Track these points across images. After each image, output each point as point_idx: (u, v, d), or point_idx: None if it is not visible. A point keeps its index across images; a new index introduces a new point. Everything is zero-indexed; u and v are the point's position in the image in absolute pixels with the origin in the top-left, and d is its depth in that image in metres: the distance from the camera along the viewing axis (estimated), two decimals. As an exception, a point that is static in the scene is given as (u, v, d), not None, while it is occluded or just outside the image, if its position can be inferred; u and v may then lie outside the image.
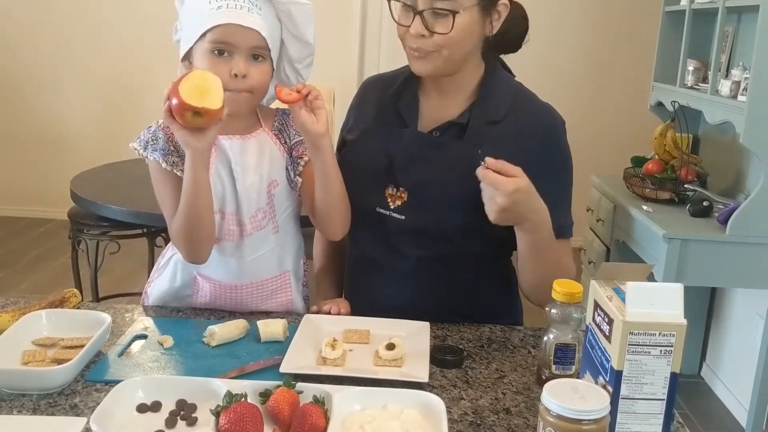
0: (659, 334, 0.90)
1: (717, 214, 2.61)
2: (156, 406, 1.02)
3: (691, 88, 2.99)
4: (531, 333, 1.37)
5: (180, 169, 1.30)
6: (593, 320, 1.00)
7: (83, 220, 2.83)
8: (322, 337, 1.23)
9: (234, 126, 1.34)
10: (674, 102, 2.97)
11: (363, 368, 1.17)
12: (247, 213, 1.36)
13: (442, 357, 1.21)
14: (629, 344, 0.90)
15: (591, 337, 1.01)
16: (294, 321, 1.35)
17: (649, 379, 0.91)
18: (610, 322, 0.93)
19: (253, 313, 1.41)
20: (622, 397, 0.92)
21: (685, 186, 2.84)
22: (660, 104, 3.28)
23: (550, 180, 1.36)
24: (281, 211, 1.40)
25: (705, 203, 2.67)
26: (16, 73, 4.93)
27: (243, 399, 0.98)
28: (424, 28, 1.30)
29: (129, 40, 4.80)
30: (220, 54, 1.28)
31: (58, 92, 4.95)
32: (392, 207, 1.40)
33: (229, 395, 0.98)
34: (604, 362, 0.95)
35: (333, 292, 1.57)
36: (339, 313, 1.38)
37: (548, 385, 0.90)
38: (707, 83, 2.82)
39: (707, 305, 3.17)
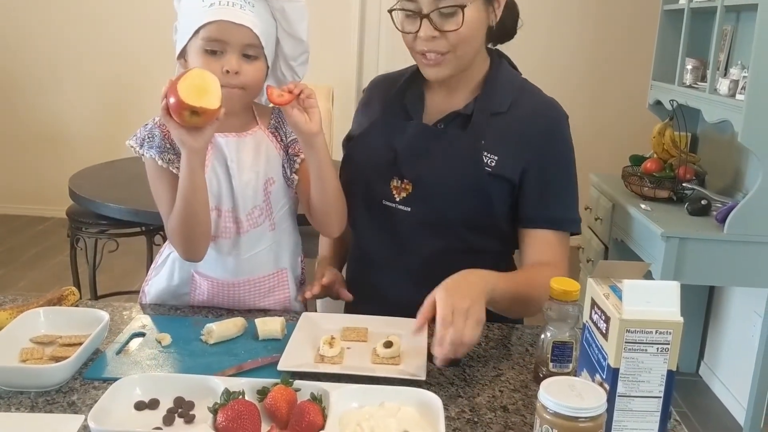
0: (656, 332, 0.90)
1: (715, 213, 2.61)
2: (154, 404, 1.03)
3: (690, 86, 2.99)
4: (528, 331, 1.37)
5: (176, 167, 1.30)
6: (590, 318, 1.00)
7: (82, 218, 2.83)
8: (320, 335, 1.23)
9: (230, 123, 1.34)
10: (673, 101, 2.98)
11: (361, 366, 1.17)
12: (244, 210, 1.36)
13: (440, 355, 1.21)
14: (626, 342, 0.90)
15: (588, 335, 1.01)
16: (292, 319, 1.35)
17: (646, 377, 0.91)
18: (607, 320, 0.93)
19: (251, 311, 1.41)
20: (619, 395, 0.92)
21: (684, 185, 2.84)
22: (658, 103, 3.28)
23: (551, 172, 1.38)
24: (278, 209, 1.41)
25: (703, 202, 2.67)
26: (15, 72, 4.93)
27: (240, 396, 0.99)
28: (434, 30, 1.30)
29: (128, 39, 4.80)
30: (213, 51, 1.28)
31: (57, 91, 4.95)
32: (398, 199, 1.41)
33: (227, 393, 0.98)
34: (601, 360, 0.95)
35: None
36: (330, 283, 1.42)
37: (545, 383, 0.90)
38: (706, 82, 2.82)
39: (705, 304, 3.17)
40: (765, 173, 2.44)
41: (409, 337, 1.24)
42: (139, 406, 1.02)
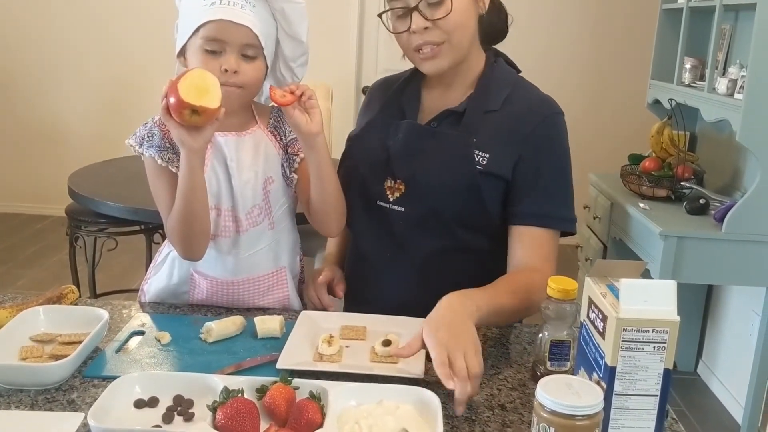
0: (652, 331, 0.90)
1: (713, 212, 2.62)
2: (153, 402, 1.03)
3: (688, 86, 3.00)
4: (526, 329, 1.37)
5: (175, 166, 1.31)
6: (587, 317, 1.01)
7: (81, 216, 2.83)
8: (319, 334, 1.24)
9: (229, 123, 1.34)
10: (671, 100, 2.98)
11: (359, 364, 1.18)
12: (243, 209, 1.36)
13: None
14: (623, 341, 0.91)
15: (585, 334, 1.01)
16: (291, 317, 1.36)
17: (643, 376, 0.92)
18: (604, 319, 0.94)
19: (250, 310, 1.42)
20: (616, 393, 0.93)
21: (682, 183, 2.85)
22: (657, 102, 3.29)
23: (543, 168, 1.37)
24: (277, 208, 1.41)
25: (701, 201, 2.68)
26: (15, 71, 4.93)
27: (240, 395, 0.99)
28: (425, 20, 1.31)
29: (127, 38, 4.80)
30: (212, 50, 1.28)
31: (56, 90, 4.95)
32: (391, 199, 1.41)
33: (226, 391, 0.99)
34: (598, 358, 0.95)
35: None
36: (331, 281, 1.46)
37: (543, 381, 0.90)
38: (704, 81, 2.83)
39: (703, 302, 3.18)
40: (763, 172, 2.45)
41: (408, 336, 1.25)
42: (139, 404, 1.02)
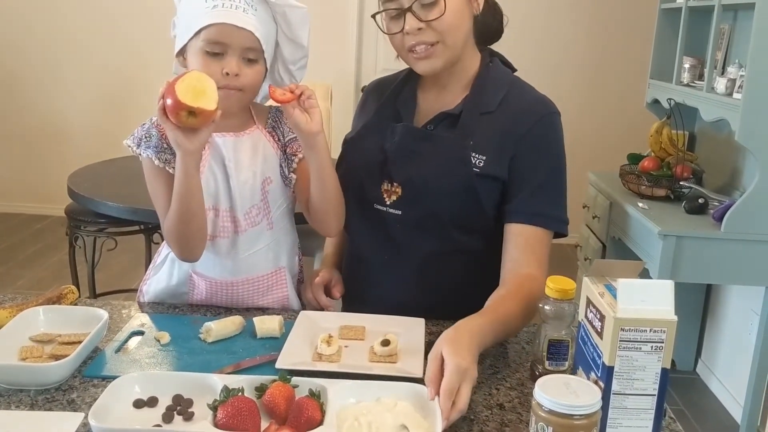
0: (650, 331, 0.91)
1: (712, 211, 2.62)
2: (152, 402, 1.03)
3: (687, 85, 3.00)
4: (525, 329, 1.37)
5: (173, 167, 1.31)
6: (585, 317, 1.01)
7: (80, 216, 2.83)
8: (318, 334, 1.24)
9: (227, 123, 1.34)
10: (670, 99, 2.98)
11: (358, 364, 1.18)
12: (242, 210, 1.37)
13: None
14: (620, 340, 0.91)
15: (583, 333, 1.02)
16: (290, 317, 1.36)
17: (640, 375, 0.92)
18: (602, 319, 0.94)
19: (249, 310, 1.42)
20: (614, 393, 0.93)
21: (681, 183, 2.85)
22: (656, 101, 3.29)
23: (539, 168, 1.37)
24: (275, 208, 1.41)
25: (700, 200, 2.68)
26: (15, 70, 4.93)
27: (240, 393, 0.99)
28: (419, 21, 1.31)
29: (128, 36, 4.80)
30: (214, 53, 1.28)
31: (57, 89, 4.95)
32: (388, 203, 1.41)
33: (226, 390, 0.99)
34: (596, 358, 0.96)
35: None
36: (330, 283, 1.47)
37: (540, 381, 0.91)
38: (703, 81, 2.83)
39: (703, 302, 3.18)
40: (762, 172, 2.45)
41: (407, 335, 1.25)
42: (138, 404, 1.03)
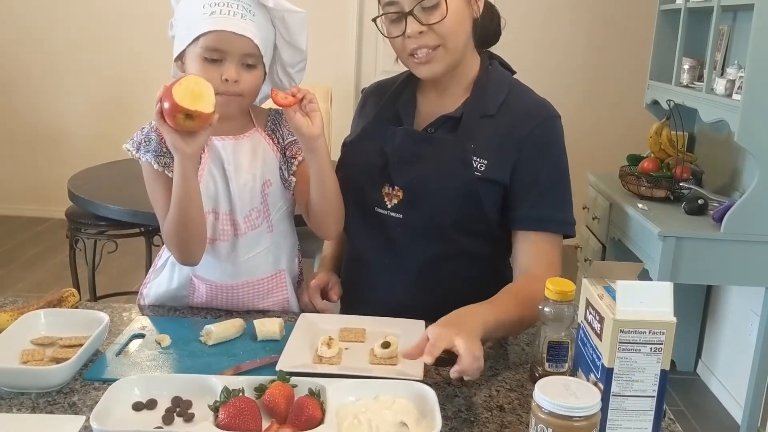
0: (649, 332, 0.91)
1: (712, 212, 2.63)
2: (151, 404, 1.03)
3: (687, 86, 3.00)
4: (525, 331, 1.38)
5: (172, 171, 1.30)
6: (585, 318, 1.01)
7: (81, 219, 2.84)
8: (318, 336, 1.24)
9: (227, 127, 1.35)
10: (670, 100, 2.99)
11: (359, 366, 1.18)
12: (241, 213, 1.37)
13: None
14: (620, 342, 0.91)
15: (583, 335, 1.02)
16: (290, 320, 1.36)
17: (640, 377, 0.92)
18: (601, 320, 0.94)
19: (250, 312, 1.42)
20: (613, 394, 0.93)
21: (681, 184, 2.85)
22: (655, 102, 3.29)
23: (542, 173, 1.37)
24: (275, 211, 1.41)
25: (700, 201, 2.68)
26: (15, 72, 4.93)
27: (240, 394, 1.00)
28: (420, 25, 1.31)
29: (128, 39, 4.81)
30: (213, 59, 1.28)
31: (57, 91, 4.96)
32: (389, 206, 1.41)
33: (227, 391, 1.00)
34: (596, 360, 0.96)
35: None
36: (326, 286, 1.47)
37: (540, 383, 0.91)
38: (702, 82, 2.83)
39: (703, 303, 3.18)
40: (761, 172, 2.45)
41: (407, 337, 1.25)
42: (137, 407, 1.03)
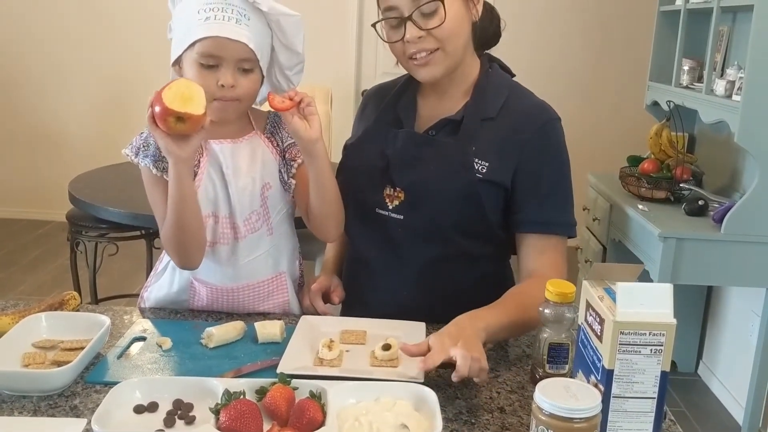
0: (649, 334, 0.91)
1: (712, 213, 2.63)
2: (153, 407, 1.04)
3: (687, 87, 3.01)
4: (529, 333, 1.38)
5: None
6: (585, 320, 1.01)
7: (81, 221, 2.84)
8: (319, 338, 1.24)
9: (225, 130, 1.35)
10: (670, 101, 2.99)
11: (359, 368, 1.18)
12: (241, 216, 1.37)
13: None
14: (620, 344, 0.91)
15: (583, 337, 1.02)
16: (291, 322, 1.37)
17: (640, 378, 0.93)
18: (602, 322, 0.94)
19: (251, 315, 1.42)
20: (614, 396, 0.93)
21: (681, 185, 2.85)
22: (655, 103, 3.30)
23: (543, 175, 1.38)
24: (275, 213, 1.42)
25: (700, 202, 2.69)
26: (16, 74, 4.94)
27: (242, 396, 1.00)
28: (419, 30, 1.31)
29: (128, 39, 4.81)
30: (208, 65, 1.28)
31: (58, 94, 4.96)
32: (390, 207, 1.41)
33: (228, 393, 1.00)
34: (596, 361, 0.96)
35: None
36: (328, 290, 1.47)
37: (541, 384, 0.91)
38: (702, 83, 2.83)
39: (703, 304, 3.18)
40: (762, 173, 2.45)
41: (407, 339, 1.25)
42: (139, 410, 1.03)
